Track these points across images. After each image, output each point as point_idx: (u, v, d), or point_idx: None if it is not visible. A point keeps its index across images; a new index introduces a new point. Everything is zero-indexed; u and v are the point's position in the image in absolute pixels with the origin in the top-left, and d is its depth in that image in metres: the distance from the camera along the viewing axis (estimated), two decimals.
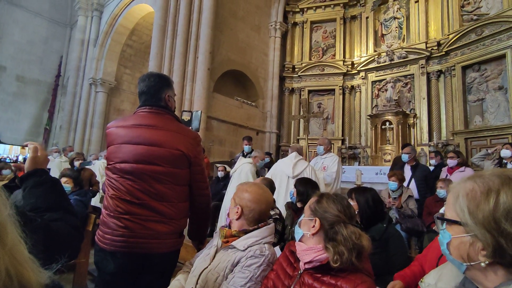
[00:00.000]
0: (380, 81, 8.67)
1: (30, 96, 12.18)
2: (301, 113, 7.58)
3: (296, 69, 9.86)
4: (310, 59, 9.80)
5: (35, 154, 1.12)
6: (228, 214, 1.49)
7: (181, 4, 7.53)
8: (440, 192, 3.34)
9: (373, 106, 8.72)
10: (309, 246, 1.14)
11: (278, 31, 9.79)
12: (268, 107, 9.49)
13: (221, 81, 8.20)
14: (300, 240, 1.20)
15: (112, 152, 1.45)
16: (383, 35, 8.97)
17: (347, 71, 9.18)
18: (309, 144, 6.74)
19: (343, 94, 9.24)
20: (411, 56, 8.05)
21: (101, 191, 4.27)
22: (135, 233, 1.36)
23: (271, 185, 2.65)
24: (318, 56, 9.78)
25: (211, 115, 7.52)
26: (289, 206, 2.40)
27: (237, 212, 1.38)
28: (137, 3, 9.96)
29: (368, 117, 8.45)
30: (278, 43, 9.81)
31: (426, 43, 7.86)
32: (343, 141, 8.98)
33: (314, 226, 1.15)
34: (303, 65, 9.68)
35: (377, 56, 8.64)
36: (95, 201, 4.36)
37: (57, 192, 1.13)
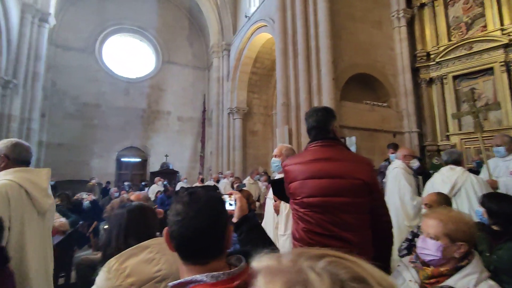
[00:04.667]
0: None
1: (187, 131, 15.34)
2: (464, 107, 6.24)
3: (431, 56, 8.50)
4: (449, 40, 8.26)
5: (241, 202, 1.27)
6: (421, 250, 1.37)
7: (298, 24, 7.86)
8: None
9: None
10: None
11: (402, 19, 8.76)
12: (403, 104, 8.50)
13: (347, 88, 7.96)
14: None
15: (298, 187, 1.60)
16: None
17: (510, 40, 7.20)
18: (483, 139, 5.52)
19: (508, 71, 7.27)
20: None
21: None
22: None
23: (446, 201, 2.32)
24: (460, 34, 8.13)
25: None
26: (481, 228, 2.02)
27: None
28: (257, 34, 11.06)
29: None
30: (404, 33, 8.76)
31: None
32: None
33: None
34: (441, 49, 8.24)
35: None
36: None
37: (263, 232, 1.32)
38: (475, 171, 4.08)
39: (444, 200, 2.27)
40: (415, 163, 3.45)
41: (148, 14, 15.27)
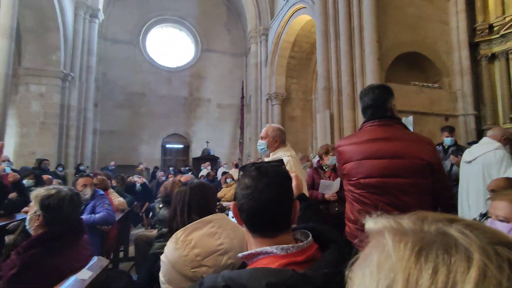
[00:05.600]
0: None
1: (226, 118, 15.65)
2: None
3: (495, 28, 7.59)
4: None
5: (298, 181, 1.24)
6: None
7: (339, 2, 7.47)
8: None
9: None
10: None
11: None
12: (458, 85, 7.77)
13: (392, 68, 7.46)
14: None
15: (353, 168, 1.56)
16: None
17: None
18: None
19: None
20: None
21: None
22: None
23: None
24: None
25: None
26: None
27: None
28: (295, 17, 10.73)
29: None
30: (461, 3, 7.88)
31: None
32: None
33: None
34: (508, 19, 7.30)
35: None
36: None
37: (319, 210, 1.31)
38: None
39: None
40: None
41: (187, 3, 15.55)
